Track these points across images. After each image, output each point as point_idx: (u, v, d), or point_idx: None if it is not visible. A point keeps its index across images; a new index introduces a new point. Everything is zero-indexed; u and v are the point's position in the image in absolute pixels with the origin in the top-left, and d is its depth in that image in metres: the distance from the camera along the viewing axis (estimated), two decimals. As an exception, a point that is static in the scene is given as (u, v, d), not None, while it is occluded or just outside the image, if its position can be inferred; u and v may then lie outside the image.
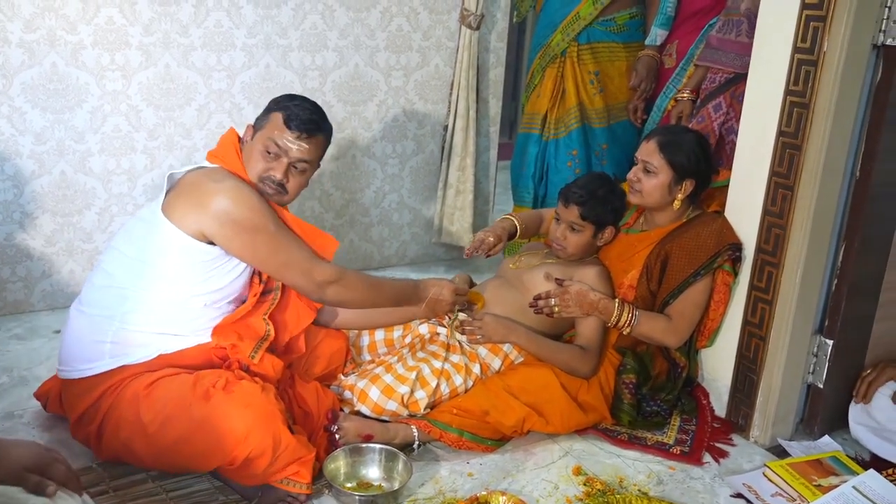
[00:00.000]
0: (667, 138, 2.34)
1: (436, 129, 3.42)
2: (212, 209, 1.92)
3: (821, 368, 2.32)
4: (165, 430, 1.83)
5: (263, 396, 1.85)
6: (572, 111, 3.19)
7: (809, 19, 2.07)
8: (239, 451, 1.79)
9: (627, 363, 2.36)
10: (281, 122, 2.03)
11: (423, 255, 3.58)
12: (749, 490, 2.07)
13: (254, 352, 2.00)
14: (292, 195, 2.09)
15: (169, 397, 1.85)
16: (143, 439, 1.86)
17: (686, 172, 2.33)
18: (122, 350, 1.92)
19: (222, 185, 1.96)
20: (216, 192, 1.94)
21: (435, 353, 2.28)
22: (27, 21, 2.58)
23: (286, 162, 2.03)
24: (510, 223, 2.54)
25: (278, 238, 2.00)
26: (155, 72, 2.81)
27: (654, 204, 2.38)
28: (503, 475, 2.10)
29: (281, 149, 2.02)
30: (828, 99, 2.07)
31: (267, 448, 1.80)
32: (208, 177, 1.99)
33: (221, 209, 1.92)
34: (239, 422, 1.79)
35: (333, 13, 3.06)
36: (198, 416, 1.81)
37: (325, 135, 2.11)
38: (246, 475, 1.85)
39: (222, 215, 1.92)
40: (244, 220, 1.94)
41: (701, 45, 2.82)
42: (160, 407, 1.84)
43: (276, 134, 2.02)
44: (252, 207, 1.96)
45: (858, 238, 2.20)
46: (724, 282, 2.33)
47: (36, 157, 2.72)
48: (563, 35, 3.15)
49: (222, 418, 1.79)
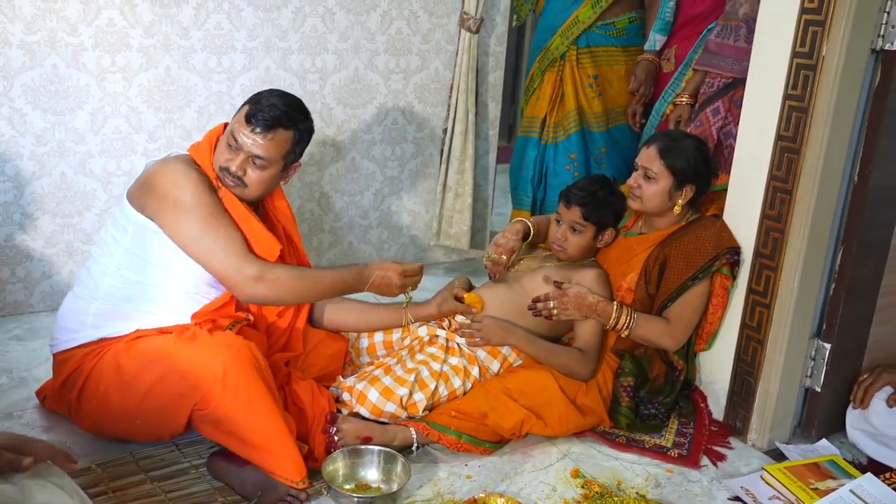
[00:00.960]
0: (667, 144, 2.35)
1: (435, 132, 3.43)
2: (149, 185, 2.00)
3: (818, 372, 2.33)
4: (143, 374, 1.91)
5: (243, 341, 1.92)
6: (571, 115, 3.20)
7: (808, 24, 2.07)
8: (215, 390, 1.84)
9: (625, 366, 2.36)
10: (243, 116, 2.03)
11: (422, 257, 3.59)
12: (747, 493, 2.08)
13: (230, 327, 2.06)
14: (254, 189, 2.07)
15: (150, 346, 1.95)
16: (120, 388, 1.93)
17: (686, 178, 2.34)
18: (103, 323, 2.02)
19: (165, 165, 2.03)
20: (157, 171, 2.02)
21: (434, 356, 2.28)
22: (28, 22, 2.58)
23: (244, 156, 2.02)
24: (523, 226, 2.51)
25: (209, 225, 1.99)
26: (155, 74, 2.81)
27: (654, 209, 2.39)
28: (501, 477, 2.10)
29: (238, 142, 2.02)
30: (826, 103, 2.08)
31: (241, 391, 1.85)
32: (162, 160, 2.07)
33: (157, 184, 1.99)
34: (217, 360, 1.86)
35: (333, 16, 3.07)
36: (179, 354, 1.89)
37: (293, 132, 2.07)
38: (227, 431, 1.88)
39: (156, 190, 1.98)
40: (173, 198, 1.97)
41: (699, 49, 2.83)
42: (140, 354, 1.94)
43: (237, 127, 2.03)
44: (184, 188, 1.98)
45: (856, 242, 2.21)
46: (723, 285, 2.33)
47: (36, 159, 2.72)
48: (562, 39, 3.16)
49: (202, 355, 1.87)
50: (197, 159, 2.08)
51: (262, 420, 1.87)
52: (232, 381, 1.84)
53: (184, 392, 1.88)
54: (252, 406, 1.86)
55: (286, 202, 2.27)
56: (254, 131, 2.01)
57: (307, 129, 2.12)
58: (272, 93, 2.08)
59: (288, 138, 2.06)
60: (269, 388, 1.91)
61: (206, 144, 2.11)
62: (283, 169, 2.11)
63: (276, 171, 2.08)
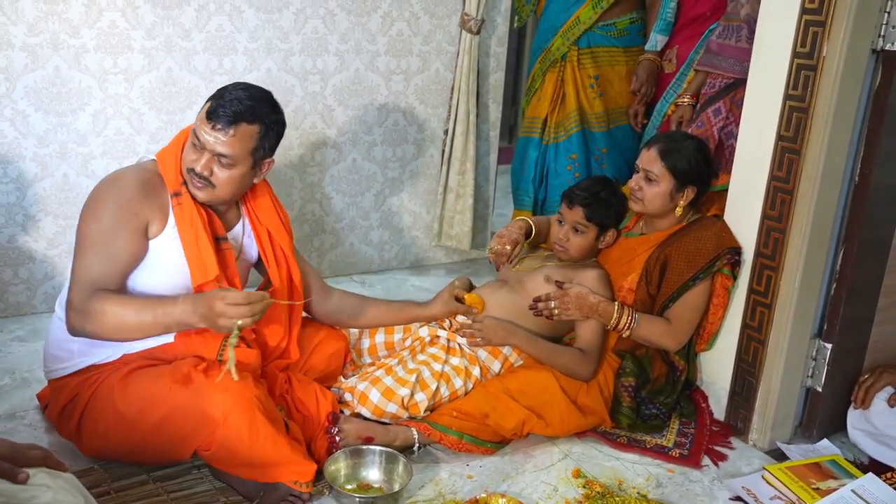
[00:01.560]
0: (667, 146, 2.35)
1: (436, 133, 3.43)
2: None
3: (819, 372, 2.33)
4: (143, 417, 1.86)
5: (241, 382, 1.83)
6: (572, 115, 3.20)
7: (809, 24, 2.08)
8: (216, 435, 1.81)
9: (627, 366, 2.36)
10: (204, 113, 1.90)
11: (423, 258, 3.59)
12: (748, 493, 2.08)
13: (219, 354, 1.95)
14: (223, 190, 1.95)
15: (145, 386, 1.87)
16: (120, 429, 1.88)
17: (688, 180, 2.34)
18: (89, 350, 1.96)
19: (102, 182, 1.96)
20: (94, 188, 1.96)
21: (435, 356, 2.28)
22: (30, 25, 2.59)
23: (208, 155, 1.90)
24: (525, 223, 2.52)
25: (83, 251, 1.89)
26: (157, 75, 2.82)
27: (656, 211, 2.39)
28: (502, 477, 2.10)
29: (201, 141, 1.90)
30: (827, 104, 2.08)
31: (243, 433, 1.81)
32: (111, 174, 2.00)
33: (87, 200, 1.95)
34: (216, 406, 1.81)
35: (334, 18, 3.08)
36: (177, 399, 1.83)
37: (258, 126, 1.92)
38: (233, 464, 1.87)
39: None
40: (86, 204, 1.93)
41: (701, 50, 2.83)
42: (137, 396, 1.87)
43: (199, 125, 1.91)
44: (94, 206, 1.91)
45: (857, 242, 2.21)
46: (724, 285, 2.33)
47: (39, 160, 2.73)
48: (563, 39, 3.16)
49: (201, 402, 1.81)
50: (162, 165, 1.97)
51: (265, 450, 1.85)
52: (233, 423, 1.81)
53: (184, 436, 1.85)
54: (256, 442, 1.83)
55: (270, 198, 2.16)
56: (215, 128, 1.88)
57: (275, 122, 1.97)
58: (237, 86, 1.95)
59: (253, 133, 1.92)
60: (272, 420, 1.87)
61: (172, 148, 2.00)
62: (254, 166, 1.97)
63: (245, 170, 1.95)
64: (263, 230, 2.14)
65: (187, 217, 1.94)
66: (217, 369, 1.86)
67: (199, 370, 1.87)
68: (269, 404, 1.91)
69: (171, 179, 1.96)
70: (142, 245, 1.93)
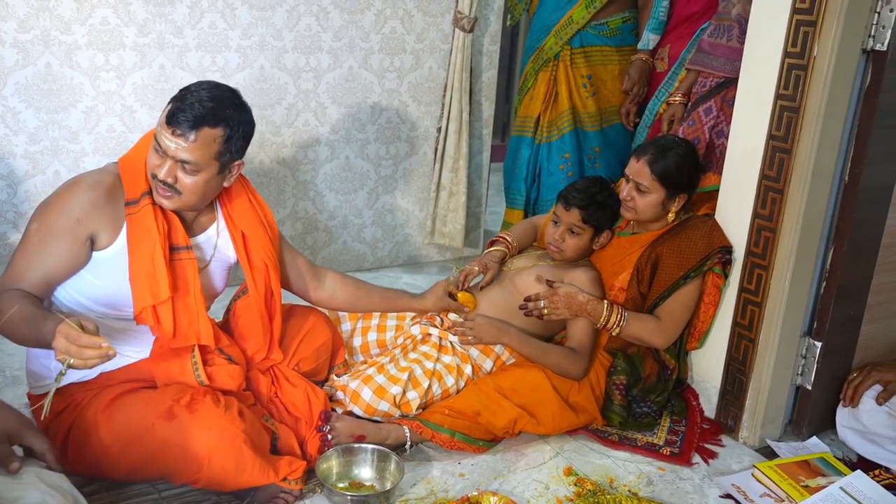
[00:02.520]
0: (655, 157, 2.33)
1: (429, 131, 3.43)
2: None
3: (809, 370, 2.34)
4: (129, 452, 1.81)
5: (226, 417, 1.81)
6: (565, 114, 3.21)
7: (800, 24, 2.09)
8: (202, 473, 1.79)
9: (618, 365, 2.37)
10: (164, 116, 1.79)
11: (416, 256, 3.60)
12: (738, 491, 2.09)
13: (196, 373, 1.89)
14: (189, 197, 1.84)
15: (130, 418, 1.81)
16: (107, 460, 1.83)
17: (678, 188, 2.35)
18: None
19: (59, 189, 1.86)
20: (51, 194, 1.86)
21: (427, 354, 2.29)
22: (21, 21, 2.58)
23: (171, 161, 1.79)
24: (500, 254, 2.53)
25: (25, 239, 1.79)
26: (149, 72, 2.81)
27: (649, 219, 2.41)
28: (494, 475, 2.11)
29: (161, 147, 1.78)
30: (817, 103, 2.09)
31: (230, 469, 1.79)
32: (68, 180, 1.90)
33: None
34: (201, 445, 1.77)
35: (328, 15, 3.07)
36: (161, 436, 1.78)
37: (221, 129, 1.80)
38: (213, 489, 1.86)
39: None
40: (39, 203, 1.84)
41: (693, 49, 2.84)
42: (121, 429, 1.81)
43: (159, 129, 1.79)
44: (44, 211, 1.81)
45: (847, 241, 2.22)
46: (715, 284, 2.35)
47: (30, 157, 2.72)
48: (556, 39, 3.16)
49: (185, 440, 1.77)
50: (123, 171, 1.86)
51: (254, 478, 1.83)
52: (218, 461, 1.78)
53: (171, 472, 1.83)
54: (243, 473, 1.81)
55: (248, 199, 2.05)
56: (175, 133, 1.76)
57: (241, 123, 1.84)
58: (200, 86, 1.82)
59: (216, 137, 1.79)
60: (258, 448, 1.84)
61: (136, 152, 1.88)
62: (220, 171, 1.85)
63: (211, 175, 1.83)
64: (238, 233, 2.02)
65: (142, 229, 1.81)
66: (200, 398, 1.83)
67: (182, 404, 1.80)
68: (254, 431, 1.87)
69: (132, 186, 1.84)
70: (78, 256, 1.79)
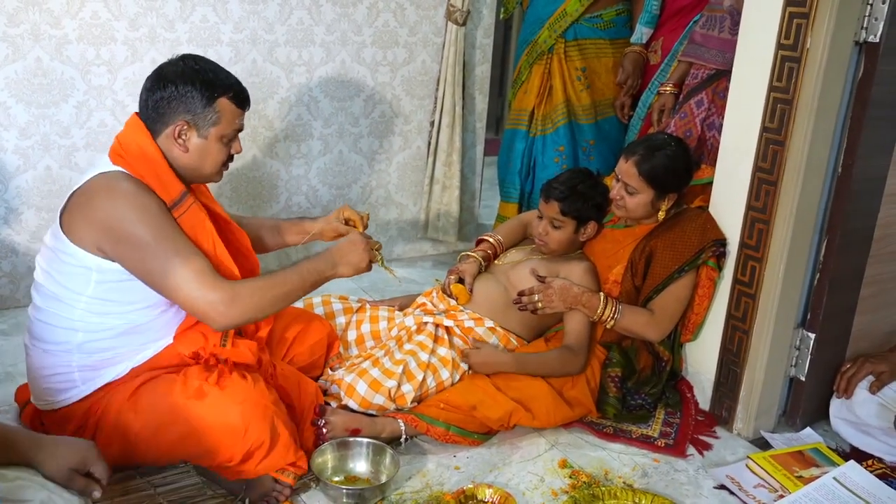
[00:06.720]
0: (643, 158, 2.32)
1: (422, 124, 3.42)
2: (97, 221, 1.76)
3: (803, 361, 2.35)
4: (160, 436, 1.82)
5: (255, 390, 1.85)
6: (559, 107, 3.21)
7: (793, 16, 2.09)
8: (239, 447, 1.80)
9: (613, 357, 2.38)
10: (232, 103, 1.87)
11: (409, 250, 3.59)
12: (732, 482, 2.10)
13: (223, 340, 1.92)
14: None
15: (158, 403, 1.82)
16: (138, 448, 1.85)
17: (667, 188, 2.35)
18: (92, 375, 1.87)
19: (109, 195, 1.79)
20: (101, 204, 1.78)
21: (422, 344, 2.28)
22: (11, 15, 2.56)
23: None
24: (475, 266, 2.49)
25: (172, 262, 1.76)
26: (141, 67, 2.79)
27: (640, 217, 2.41)
28: (489, 468, 2.11)
29: (241, 128, 1.92)
30: (811, 95, 2.09)
31: (265, 439, 1.82)
32: (99, 184, 1.81)
33: (107, 221, 1.76)
34: (237, 417, 1.80)
35: (320, 8, 3.06)
36: (194, 415, 1.80)
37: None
38: (243, 471, 1.86)
39: (112, 231, 1.76)
40: (135, 238, 1.75)
41: (685, 41, 2.84)
42: (149, 415, 1.82)
43: (230, 117, 1.88)
44: (140, 222, 1.75)
45: (840, 233, 2.23)
46: (709, 277, 2.35)
47: (21, 152, 2.70)
48: (550, 31, 3.16)
49: (220, 415, 1.80)
50: (149, 180, 1.83)
51: (281, 451, 1.86)
52: (253, 432, 1.80)
53: (208, 450, 1.82)
54: (275, 445, 1.84)
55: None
56: (244, 112, 1.92)
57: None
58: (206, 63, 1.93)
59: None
60: (285, 423, 1.89)
61: (148, 160, 1.84)
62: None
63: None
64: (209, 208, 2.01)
65: (196, 223, 1.86)
66: (227, 375, 1.86)
67: (211, 383, 1.83)
68: (279, 405, 1.91)
69: (166, 188, 1.83)
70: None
